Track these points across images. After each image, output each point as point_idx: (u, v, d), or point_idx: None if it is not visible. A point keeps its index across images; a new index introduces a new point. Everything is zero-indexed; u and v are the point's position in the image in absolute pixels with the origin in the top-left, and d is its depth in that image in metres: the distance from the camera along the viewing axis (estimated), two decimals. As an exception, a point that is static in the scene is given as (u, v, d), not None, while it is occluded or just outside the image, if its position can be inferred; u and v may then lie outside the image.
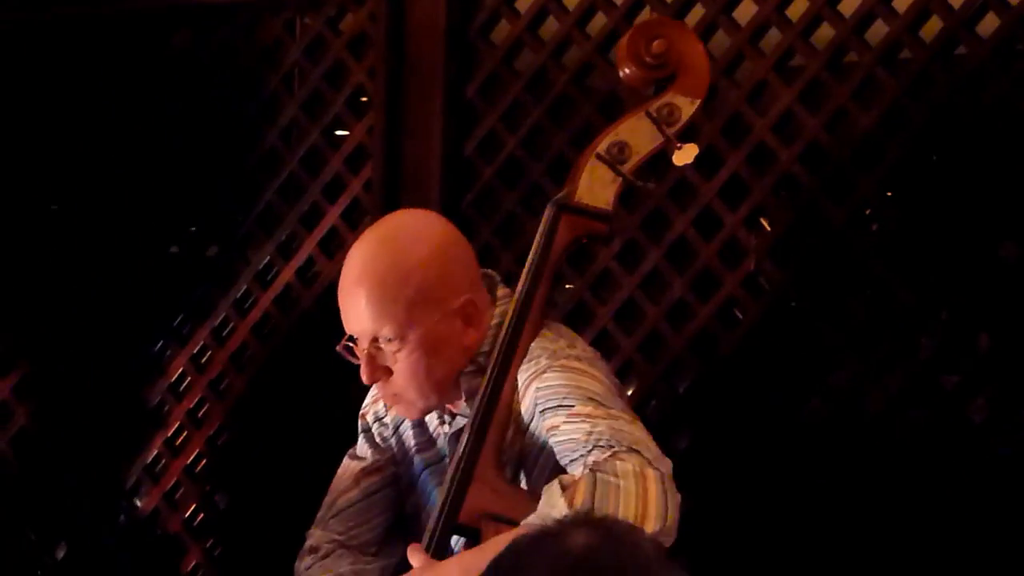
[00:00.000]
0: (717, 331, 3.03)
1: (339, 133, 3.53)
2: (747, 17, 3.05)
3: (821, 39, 3.00)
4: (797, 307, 3.03)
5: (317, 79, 3.50)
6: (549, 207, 2.47)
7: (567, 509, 2.06)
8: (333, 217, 3.45)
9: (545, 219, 2.46)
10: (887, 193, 2.97)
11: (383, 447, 2.58)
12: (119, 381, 3.69)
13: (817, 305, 2.98)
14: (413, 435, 2.54)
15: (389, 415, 2.57)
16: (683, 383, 3.08)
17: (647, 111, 2.49)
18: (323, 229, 3.46)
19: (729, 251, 3.03)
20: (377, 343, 2.35)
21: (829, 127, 2.97)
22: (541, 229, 2.46)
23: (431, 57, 3.34)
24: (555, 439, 2.26)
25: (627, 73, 2.53)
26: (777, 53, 3.02)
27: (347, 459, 2.60)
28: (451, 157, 3.31)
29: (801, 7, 3.01)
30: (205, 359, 3.60)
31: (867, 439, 2.87)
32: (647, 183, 2.56)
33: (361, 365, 2.38)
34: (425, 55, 3.34)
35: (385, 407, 2.56)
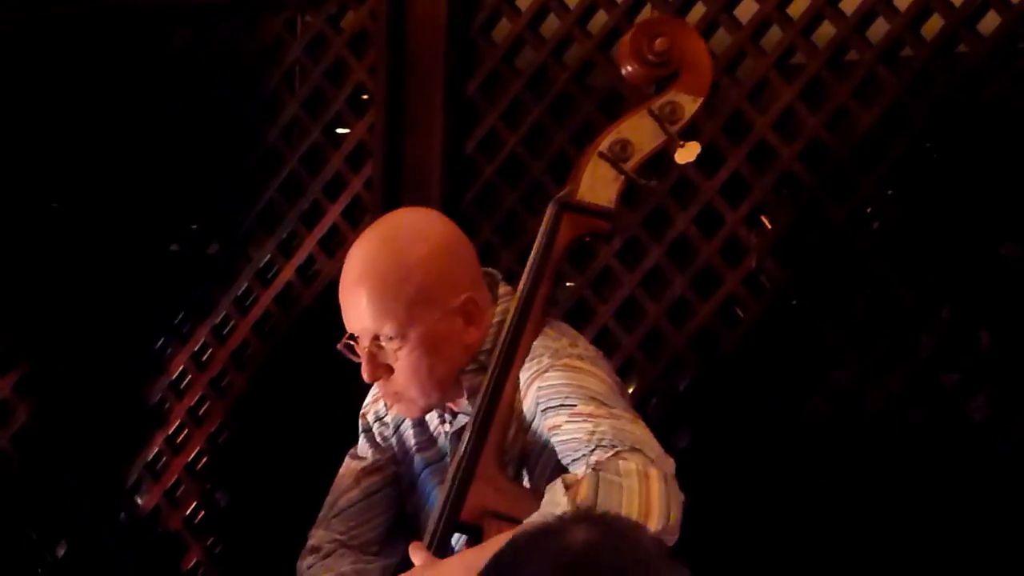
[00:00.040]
0: (718, 329, 3.03)
1: (340, 131, 3.53)
2: (748, 15, 3.04)
3: (822, 37, 3.00)
4: (798, 305, 3.03)
5: (318, 77, 3.50)
6: (551, 205, 2.47)
7: (569, 507, 2.06)
8: (334, 215, 3.45)
9: (547, 217, 2.46)
10: (888, 191, 2.97)
11: (384, 446, 2.58)
12: (120, 379, 3.69)
13: (818, 303, 2.97)
14: (414, 434, 2.54)
15: (390, 414, 2.57)
16: (684, 381, 3.07)
17: (649, 109, 2.48)
18: (324, 227, 3.46)
19: (730, 249, 3.03)
20: (378, 341, 2.35)
21: (830, 125, 2.96)
22: (543, 227, 2.45)
23: (432, 55, 3.33)
24: (557, 438, 2.26)
25: (629, 71, 2.53)
26: (778, 51, 3.01)
27: (348, 459, 2.60)
28: (452, 155, 3.31)
29: (802, 5, 3.01)
30: (206, 357, 3.60)
31: (868, 437, 2.87)
32: (649, 181, 2.55)
33: (362, 364, 2.38)
34: (426, 53, 3.34)
35: (386, 406, 2.56)
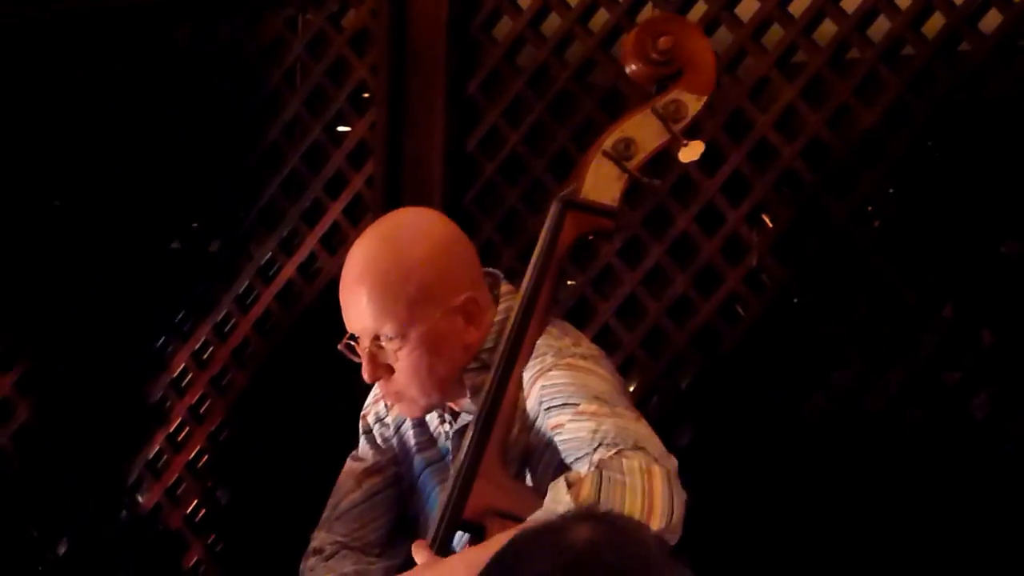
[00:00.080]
0: (719, 327, 3.03)
1: (341, 129, 3.53)
2: (749, 13, 3.05)
3: (823, 35, 3.00)
4: (799, 304, 3.03)
5: (319, 75, 3.50)
6: (555, 204, 2.46)
7: (572, 505, 2.06)
8: (335, 213, 3.45)
9: (551, 216, 2.45)
10: (889, 190, 2.97)
11: (384, 448, 2.58)
12: (121, 377, 3.68)
13: (819, 302, 2.97)
14: (414, 435, 2.54)
15: (390, 415, 2.56)
16: (685, 379, 3.07)
17: (653, 107, 2.48)
18: (325, 225, 3.46)
19: (731, 247, 3.03)
20: (378, 341, 2.35)
21: (831, 123, 2.96)
22: (547, 226, 2.45)
23: (433, 53, 3.33)
24: (560, 437, 2.26)
25: (633, 70, 2.52)
26: (779, 49, 3.02)
27: (349, 461, 2.60)
28: (453, 153, 3.31)
29: (803, 3, 3.01)
30: (207, 355, 3.59)
31: (869, 436, 2.87)
32: (652, 180, 2.55)
33: (362, 364, 2.38)
34: (427, 51, 3.34)
35: (386, 407, 2.56)
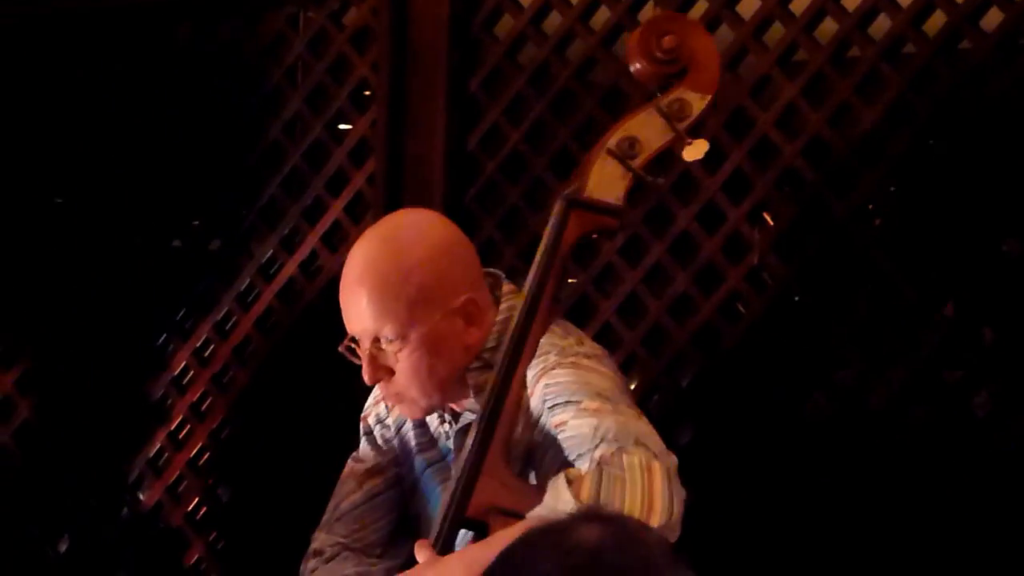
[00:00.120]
0: (720, 325, 3.03)
1: (342, 127, 3.53)
2: (751, 11, 3.05)
3: (824, 34, 3.00)
4: (800, 302, 3.03)
5: (320, 73, 3.50)
6: (559, 202, 2.46)
7: (573, 502, 2.07)
8: (336, 211, 3.45)
9: (555, 214, 2.45)
10: (890, 188, 2.98)
11: (385, 449, 2.57)
12: (122, 375, 3.68)
13: (820, 300, 2.98)
14: (415, 435, 2.54)
15: (391, 416, 2.56)
16: (686, 377, 3.08)
17: (657, 106, 2.48)
18: (326, 223, 3.46)
19: (732, 245, 3.03)
20: (379, 343, 2.34)
21: (832, 122, 2.97)
22: (550, 224, 2.44)
23: (434, 51, 3.33)
24: (563, 435, 2.26)
25: (637, 68, 2.52)
26: (780, 48, 3.02)
27: (350, 462, 2.59)
28: (454, 151, 3.31)
29: (804, 2, 3.01)
30: (208, 353, 3.60)
31: (870, 434, 2.87)
32: (656, 178, 2.55)
33: (363, 366, 2.37)
34: (428, 49, 3.34)
35: (387, 408, 2.56)
